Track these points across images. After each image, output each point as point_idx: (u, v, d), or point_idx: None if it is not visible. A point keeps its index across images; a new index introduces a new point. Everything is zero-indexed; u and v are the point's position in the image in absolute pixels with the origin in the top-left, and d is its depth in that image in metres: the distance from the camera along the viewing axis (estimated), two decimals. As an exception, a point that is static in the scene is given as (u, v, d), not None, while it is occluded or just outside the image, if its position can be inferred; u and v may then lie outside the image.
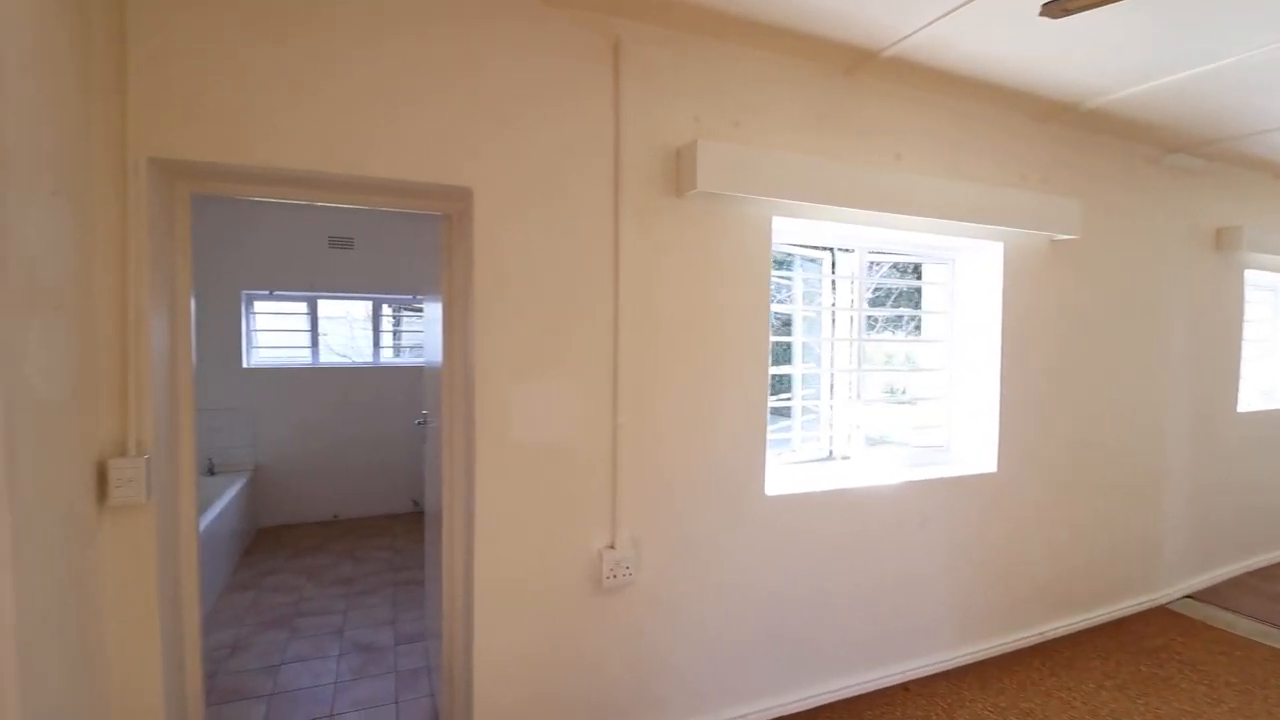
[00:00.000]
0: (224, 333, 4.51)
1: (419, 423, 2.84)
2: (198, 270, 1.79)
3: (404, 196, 1.88)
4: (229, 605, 3.30)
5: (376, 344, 5.18)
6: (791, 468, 2.52)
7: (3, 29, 1.09)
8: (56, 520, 1.27)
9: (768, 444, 2.21)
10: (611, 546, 1.96)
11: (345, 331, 5.31)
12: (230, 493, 3.85)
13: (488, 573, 1.83)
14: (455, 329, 1.99)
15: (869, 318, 2.83)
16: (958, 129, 2.53)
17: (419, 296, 5.11)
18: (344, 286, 4.91)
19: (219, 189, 1.77)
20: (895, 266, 3.13)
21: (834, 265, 2.74)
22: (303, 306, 4.90)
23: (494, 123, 1.79)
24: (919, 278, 3.41)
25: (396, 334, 5.33)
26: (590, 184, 1.91)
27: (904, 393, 3.32)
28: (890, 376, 4.35)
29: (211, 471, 4.31)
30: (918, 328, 3.39)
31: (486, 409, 1.80)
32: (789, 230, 2.36)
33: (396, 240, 4.99)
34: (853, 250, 2.68)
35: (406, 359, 5.32)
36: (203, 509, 3.23)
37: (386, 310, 5.28)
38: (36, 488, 1.18)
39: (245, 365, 4.64)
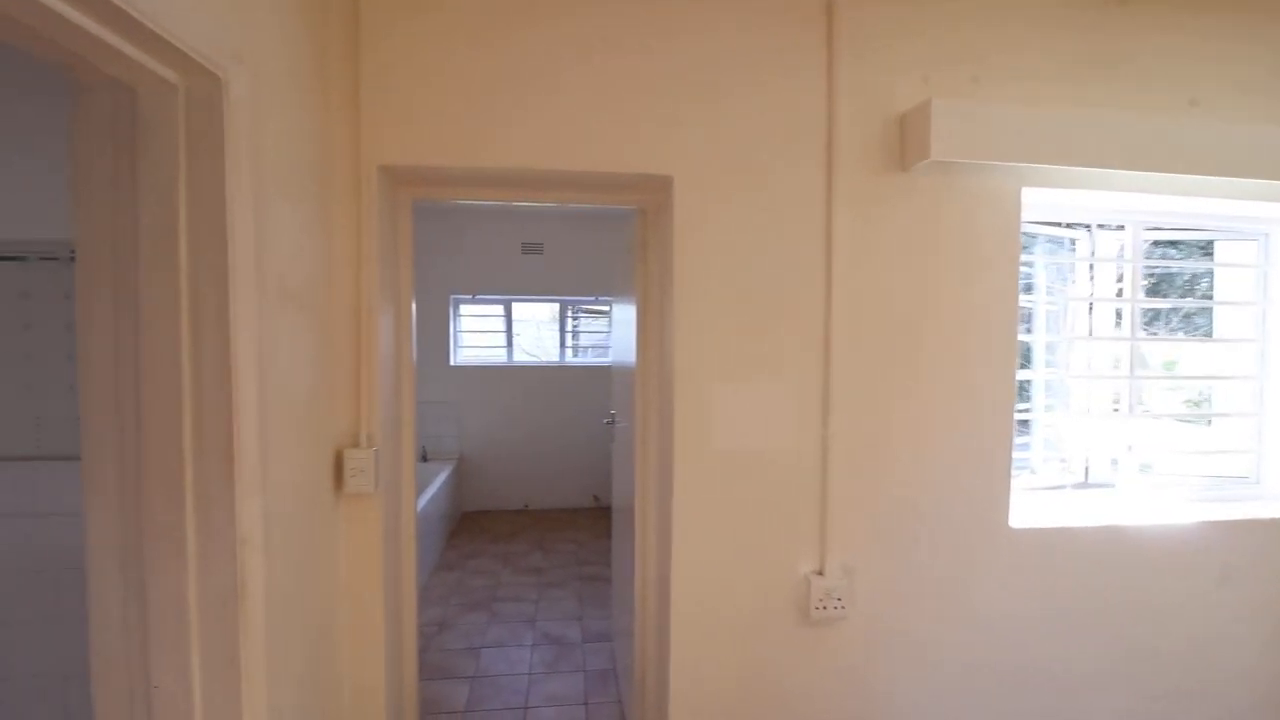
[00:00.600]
0: (435, 333, 4.99)
1: (607, 422, 2.82)
2: (414, 276, 1.89)
3: (603, 191, 1.83)
4: (438, 584, 3.60)
5: (562, 344, 5.41)
6: (1034, 494, 2.08)
7: (262, 51, 1.17)
8: (301, 506, 1.36)
9: (1012, 465, 1.82)
10: (820, 573, 1.73)
11: (534, 332, 5.62)
12: (440, 479, 4.22)
13: (685, 588, 1.70)
14: (650, 328, 1.89)
15: (1144, 311, 2.25)
16: (1275, 60, 1.90)
17: (601, 298, 5.24)
18: (534, 290, 5.19)
19: (438, 194, 1.85)
20: (1165, 244, 2.49)
21: (1092, 246, 2.22)
22: (499, 309, 5.27)
23: (694, 104, 1.66)
24: (1204, 258, 2.67)
25: (575, 334, 5.52)
26: (799, 164, 1.70)
27: (1194, 407, 2.62)
28: (1159, 385, 3.51)
29: (424, 459, 4.77)
30: (1196, 324, 2.67)
31: (685, 413, 1.67)
32: (1042, 204, 1.94)
33: (581, 244, 5.16)
34: (1122, 226, 2.15)
35: (588, 359, 5.49)
36: (418, 492, 3.56)
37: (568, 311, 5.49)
38: (285, 475, 1.27)
39: (452, 363, 5.09)
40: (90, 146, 1.05)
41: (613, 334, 3.01)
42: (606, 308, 5.38)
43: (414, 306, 1.87)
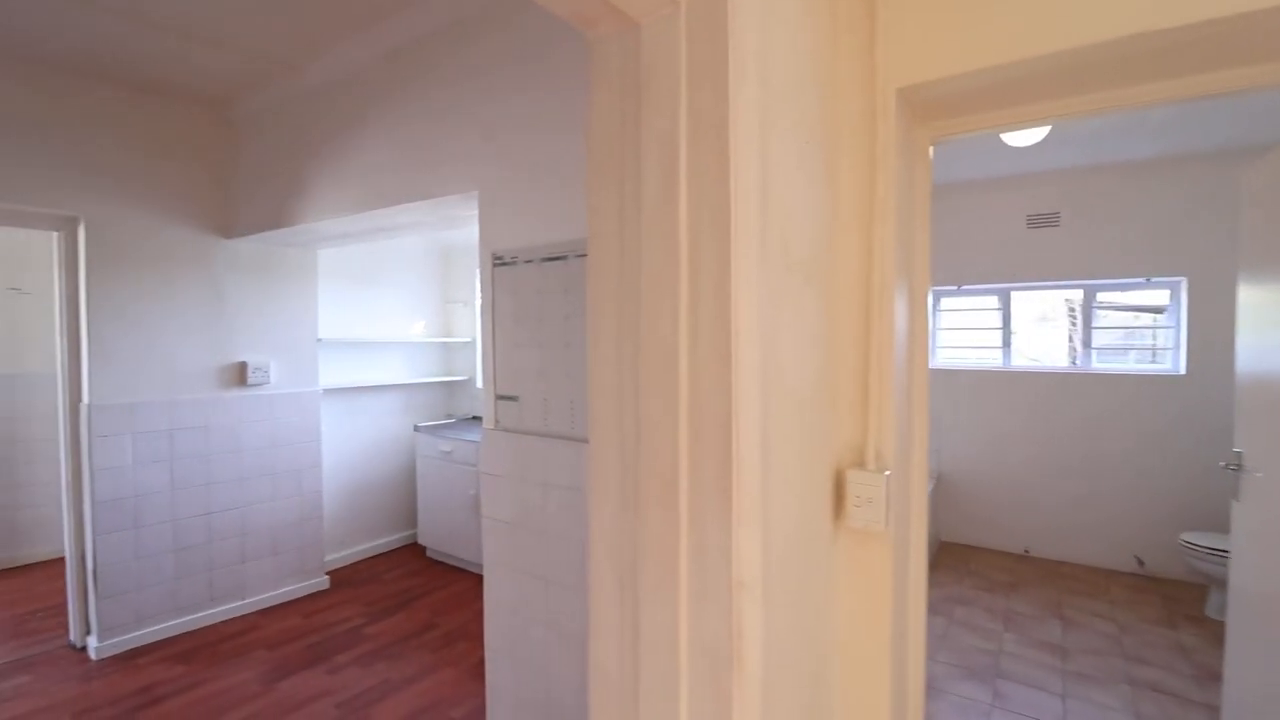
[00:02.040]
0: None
1: (1229, 467, 1.76)
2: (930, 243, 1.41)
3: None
4: (918, 627, 3.02)
5: (1087, 344, 4.06)
6: None
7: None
8: (798, 542, 1.05)
9: None
10: None
11: (1033, 329, 4.41)
12: (917, 501, 3.62)
13: None
14: None
15: None
16: None
17: (1157, 278, 3.71)
18: (1043, 274, 4.04)
19: (962, 126, 1.34)
20: None
21: None
22: (993, 301, 4.30)
23: None
24: None
25: (1089, 329, 4.06)
26: None
27: None
28: None
29: (896, 473, 4.23)
30: None
31: None
32: None
33: (1117, 206, 3.76)
34: None
35: (1112, 363, 3.97)
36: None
37: (1068, 298, 4.08)
38: (783, 500, 0.96)
39: (930, 365, 4.39)
40: (602, 100, 0.94)
41: (1240, 326, 1.90)
42: (1166, 291, 3.79)
43: (929, 287, 1.39)
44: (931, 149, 1.41)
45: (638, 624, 0.88)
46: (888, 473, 1.15)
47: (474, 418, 4.55)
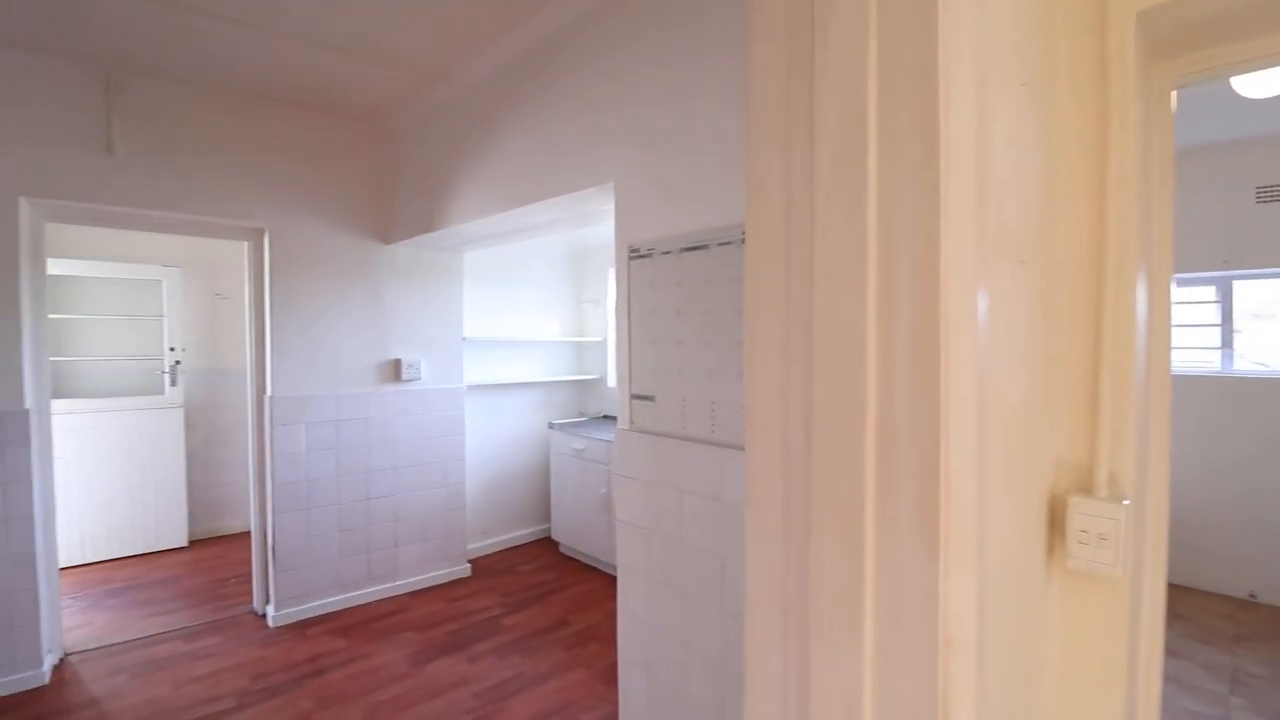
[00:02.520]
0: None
1: None
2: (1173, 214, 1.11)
3: None
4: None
5: (1346, 344, 3.26)
6: None
7: None
8: (1012, 585, 0.84)
9: None
10: None
11: (1269, 325, 3.61)
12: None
13: None
14: None
15: None
16: None
17: None
18: (1276, 258, 3.30)
19: (1215, 62, 1.03)
20: None
21: None
22: (1209, 292, 3.59)
23: None
24: None
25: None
26: None
27: None
28: None
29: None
30: None
31: None
32: None
33: None
34: None
35: None
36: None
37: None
38: (999, 532, 0.77)
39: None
40: (763, 53, 0.81)
41: None
42: None
43: (1172, 272, 1.10)
44: (1174, 95, 1.12)
45: (807, 678, 0.74)
46: (1126, 502, 0.90)
47: (605, 416, 4.58)
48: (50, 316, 4.02)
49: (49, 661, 2.68)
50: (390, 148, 3.47)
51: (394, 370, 3.54)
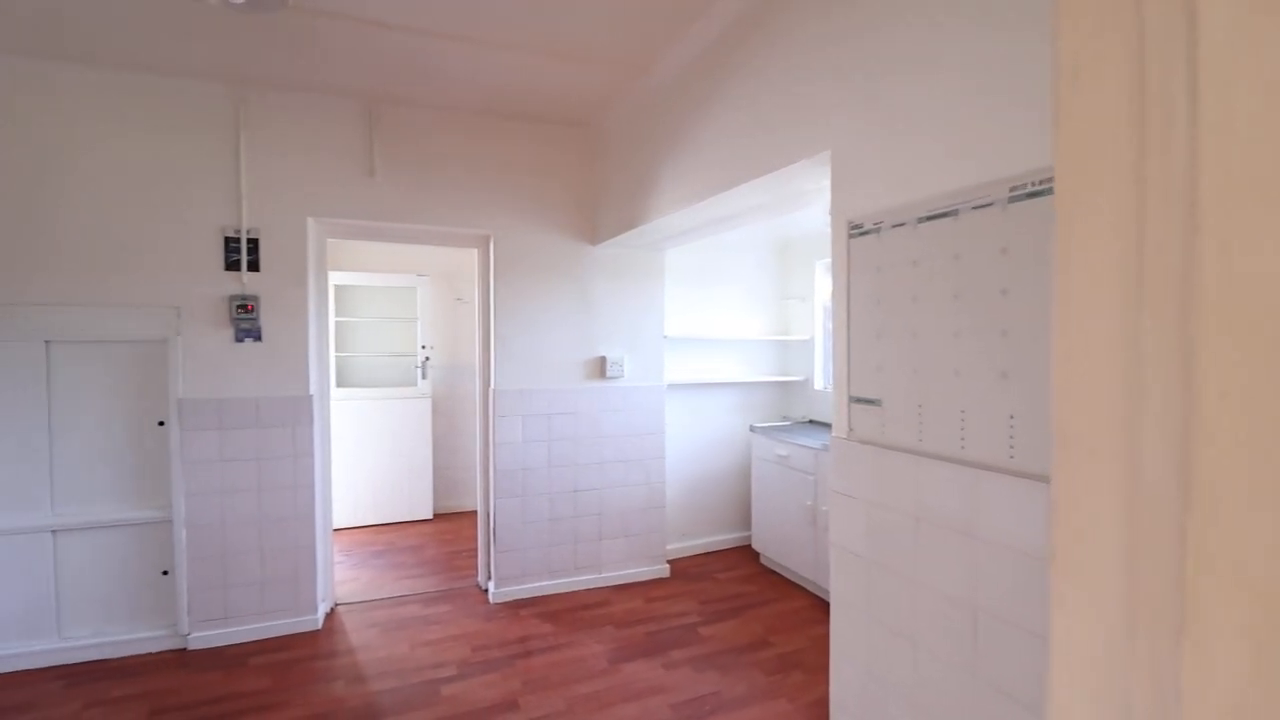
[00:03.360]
0: None
1: None
2: None
3: None
4: None
5: None
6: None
7: None
8: None
9: None
10: None
11: None
12: None
13: None
14: None
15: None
16: None
17: None
18: None
19: None
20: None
21: None
22: None
23: None
24: None
25: None
26: None
27: None
28: None
29: None
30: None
31: None
32: None
33: None
34: None
35: None
36: None
37: None
38: None
39: None
40: None
41: None
42: None
43: None
44: None
45: None
46: None
47: (811, 421, 4.23)
48: (336, 319, 4.89)
49: (322, 609, 3.19)
50: (596, 152, 3.55)
51: (599, 367, 3.62)
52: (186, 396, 2.89)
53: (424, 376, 5.00)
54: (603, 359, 3.62)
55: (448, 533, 4.65)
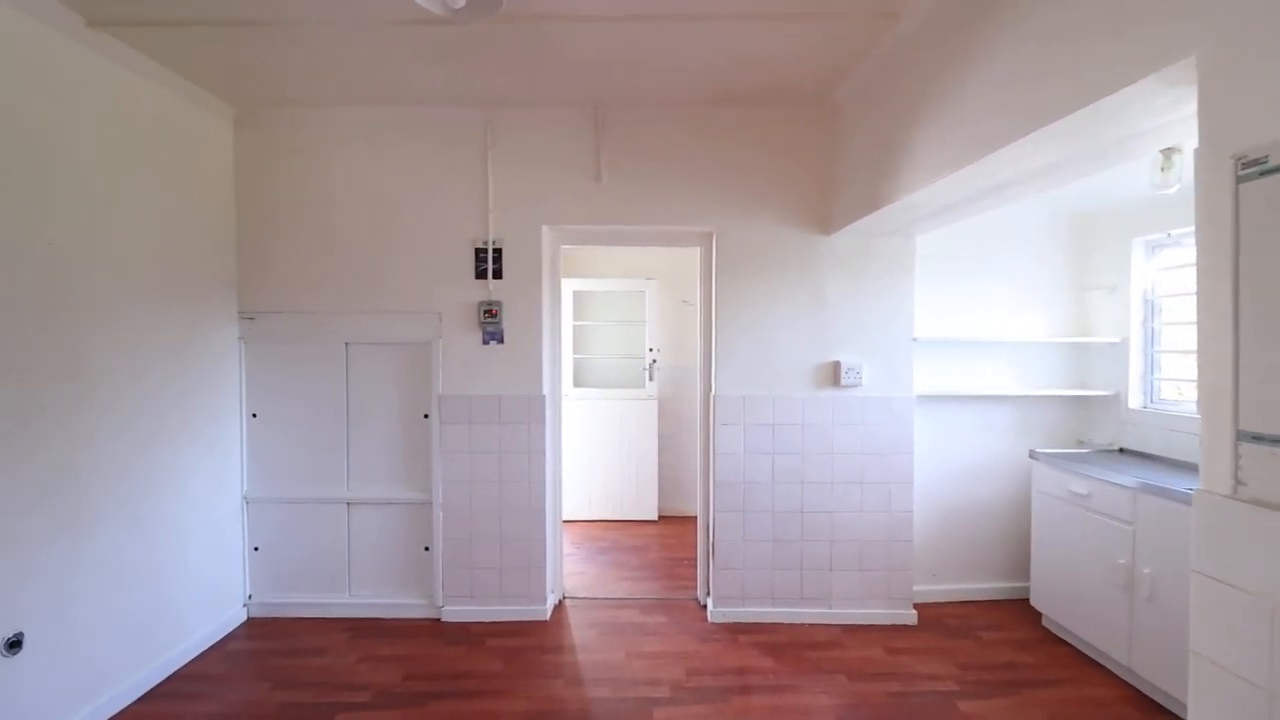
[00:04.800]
0: None
1: None
2: None
3: None
4: None
5: None
6: None
7: None
8: None
9: None
10: None
11: None
12: None
13: None
14: None
15: None
16: None
17: None
18: None
19: None
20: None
21: None
22: None
23: None
24: None
25: None
26: None
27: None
28: None
29: None
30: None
31: None
32: None
33: None
34: None
35: None
36: None
37: None
38: None
39: None
40: None
41: None
42: None
43: None
44: None
45: None
46: None
47: (1121, 450, 3.23)
48: (575, 323, 5.18)
49: (551, 600, 3.30)
50: (831, 129, 3.13)
51: (832, 373, 3.19)
52: (445, 393, 3.21)
53: (651, 378, 5.03)
54: (836, 364, 3.18)
55: (670, 537, 4.59)
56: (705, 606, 3.31)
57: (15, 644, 2.01)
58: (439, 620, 3.20)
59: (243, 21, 2.32)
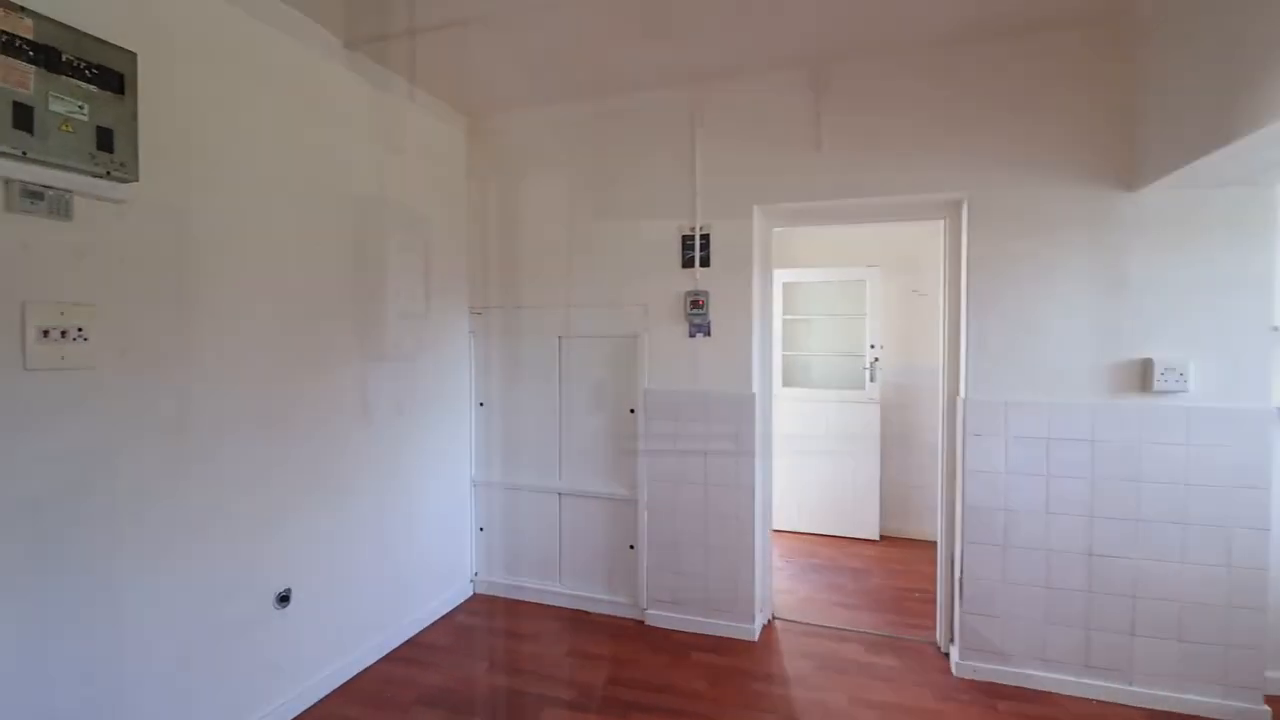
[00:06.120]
0: None
1: None
2: None
3: None
4: None
5: None
6: None
7: None
8: None
9: None
10: None
11: None
12: None
13: None
14: None
15: None
16: None
17: None
18: None
19: None
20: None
21: None
22: None
23: None
24: None
25: None
26: None
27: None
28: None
29: None
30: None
31: None
32: None
33: None
34: None
35: None
36: None
37: None
38: None
39: None
40: None
41: None
42: None
43: None
44: None
45: None
46: None
47: None
48: (785, 317, 4.80)
49: (759, 620, 2.99)
50: (1130, 51, 2.36)
51: (1139, 375, 2.41)
52: (650, 387, 3.10)
53: (872, 379, 4.45)
54: (1146, 362, 2.40)
55: (896, 563, 3.98)
56: (948, 655, 2.73)
57: (285, 598, 2.29)
58: (643, 623, 3.09)
59: (472, 19, 2.41)
